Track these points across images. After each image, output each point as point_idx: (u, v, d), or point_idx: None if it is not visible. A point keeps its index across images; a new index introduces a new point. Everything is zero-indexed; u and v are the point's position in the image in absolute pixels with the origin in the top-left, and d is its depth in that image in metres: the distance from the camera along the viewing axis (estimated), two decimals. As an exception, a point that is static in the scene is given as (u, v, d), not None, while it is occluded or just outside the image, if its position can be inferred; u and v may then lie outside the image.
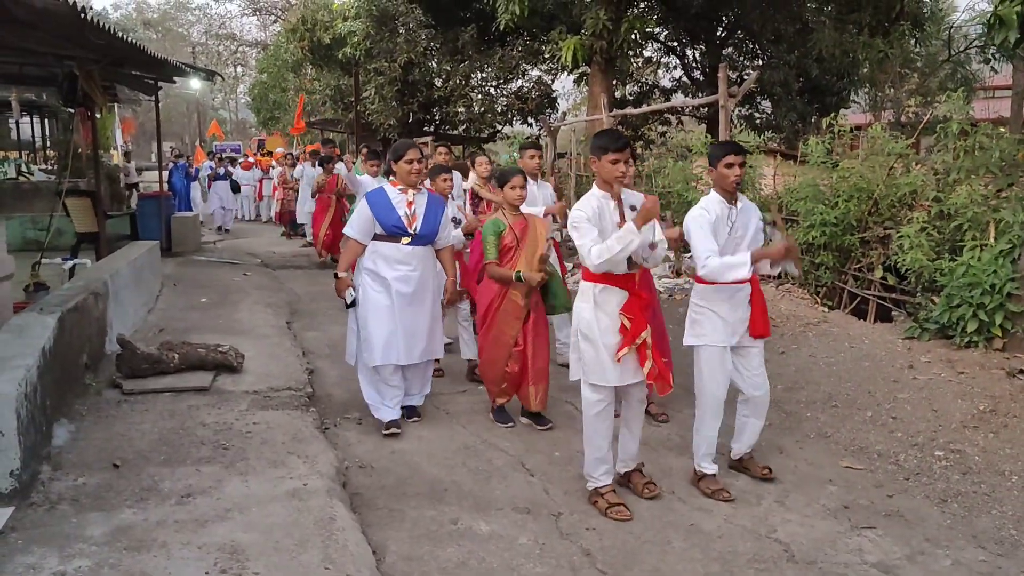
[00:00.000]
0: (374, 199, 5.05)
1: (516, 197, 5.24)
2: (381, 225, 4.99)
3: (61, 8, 5.26)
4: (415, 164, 5.04)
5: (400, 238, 5.02)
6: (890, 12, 16.11)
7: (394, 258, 5.02)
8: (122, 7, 56.99)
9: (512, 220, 5.23)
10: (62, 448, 4.27)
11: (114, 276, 6.49)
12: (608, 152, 3.94)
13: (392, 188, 5.09)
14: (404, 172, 5.05)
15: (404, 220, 5.01)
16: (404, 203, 5.04)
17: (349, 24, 18.17)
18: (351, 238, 5.08)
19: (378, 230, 5.01)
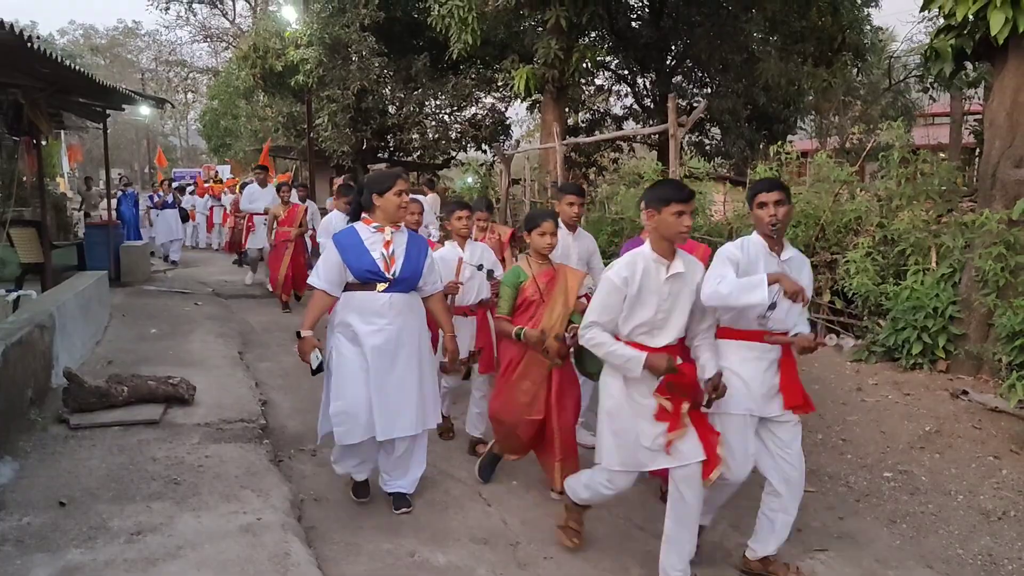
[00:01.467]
0: (343, 241, 4.20)
1: (545, 246, 4.51)
2: (352, 271, 4.17)
3: (6, 36, 5.18)
4: (404, 196, 4.26)
5: (375, 285, 4.19)
6: (832, 43, 16.66)
7: (369, 309, 4.18)
8: (69, 33, 56.12)
9: (537, 270, 4.53)
10: (5, 487, 4.15)
11: (60, 308, 6.35)
12: (671, 203, 3.36)
13: (365, 227, 4.25)
14: (392, 207, 4.21)
15: (380, 263, 4.18)
16: (380, 243, 4.22)
17: (301, 52, 18.13)
18: (317, 289, 4.22)
19: (349, 278, 4.20)
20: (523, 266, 4.56)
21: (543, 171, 14.71)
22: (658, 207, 3.38)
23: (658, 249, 3.46)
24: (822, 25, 16.34)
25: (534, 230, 4.53)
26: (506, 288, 4.50)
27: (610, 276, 3.48)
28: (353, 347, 4.19)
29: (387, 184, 4.23)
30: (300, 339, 4.16)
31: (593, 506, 3.96)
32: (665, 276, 3.44)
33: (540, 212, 4.73)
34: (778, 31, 16.75)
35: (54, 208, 12.64)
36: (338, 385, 4.20)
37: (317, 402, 6.44)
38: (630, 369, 3.44)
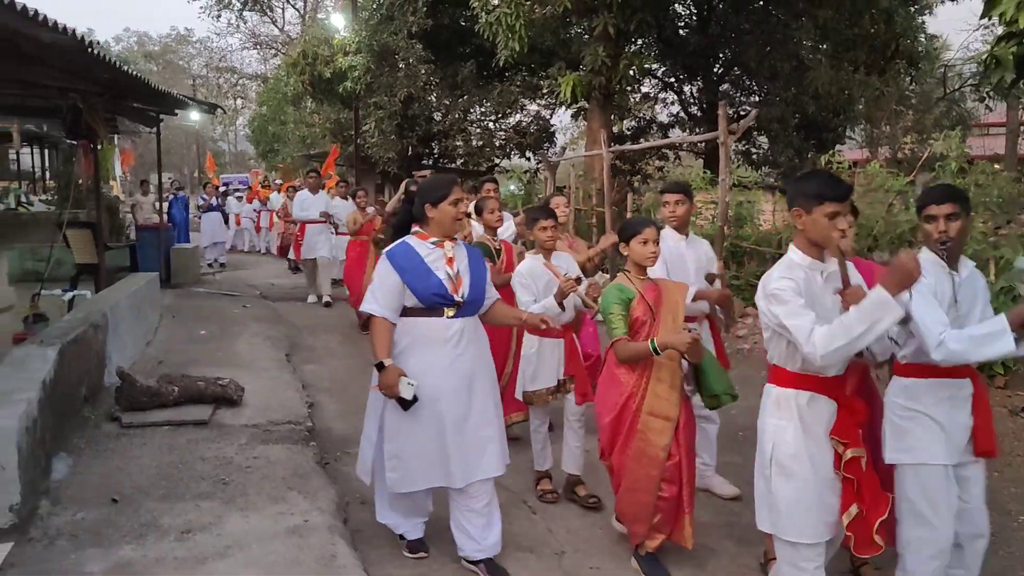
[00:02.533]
0: (401, 260, 3.62)
1: (648, 256, 3.84)
2: (417, 295, 3.58)
3: (68, 42, 5.29)
4: (461, 206, 3.71)
5: (442, 310, 3.62)
6: (885, 51, 16.36)
7: (437, 338, 3.61)
8: (123, 39, 57.52)
9: (641, 286, 3.87)
10: (61, 482, 4.23)
11: (113, 308, 6.48)
12: (824, 202, 2.83)
13: (421, 242, 3.67)
14: (448, 218, 3.66)
15: (447, 284, 3.61)
16: (442, 260, 3.65)
17: (350, 59, 18.33)
18: (377, 316, 3.60)
19: (410, 302, 3.62)
20: (625, 282, 3.89)
21: (588, 178, 14.66)
22: (807, 205, 2.86)
23: (809, 254, 2.97)
24: (875, 33, 16.05)
25: (634, 238, 3.86)
26: (616, 306, 3.78)
27: (773, 287, 2.90)
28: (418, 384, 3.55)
29: (442, 192, 3.66)
30: (382, 371, 3.50)
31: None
32: (823, 279, 2.95)
33: (639, 218, 4.17)
34: (829, 39, 16.50)
35: (108, 210, 12.91)
36: (394, 423, 3.62)
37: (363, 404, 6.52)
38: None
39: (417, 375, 3.51)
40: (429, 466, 3.63)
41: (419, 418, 3.57)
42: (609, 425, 3.79)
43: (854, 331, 2.66)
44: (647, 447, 3.68)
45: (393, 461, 3.66)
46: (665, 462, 3.67)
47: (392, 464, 3.66)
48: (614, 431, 3.78)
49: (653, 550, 3.75)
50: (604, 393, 3.88)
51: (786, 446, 2.95)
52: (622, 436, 3.75)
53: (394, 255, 3.65)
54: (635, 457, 3.71)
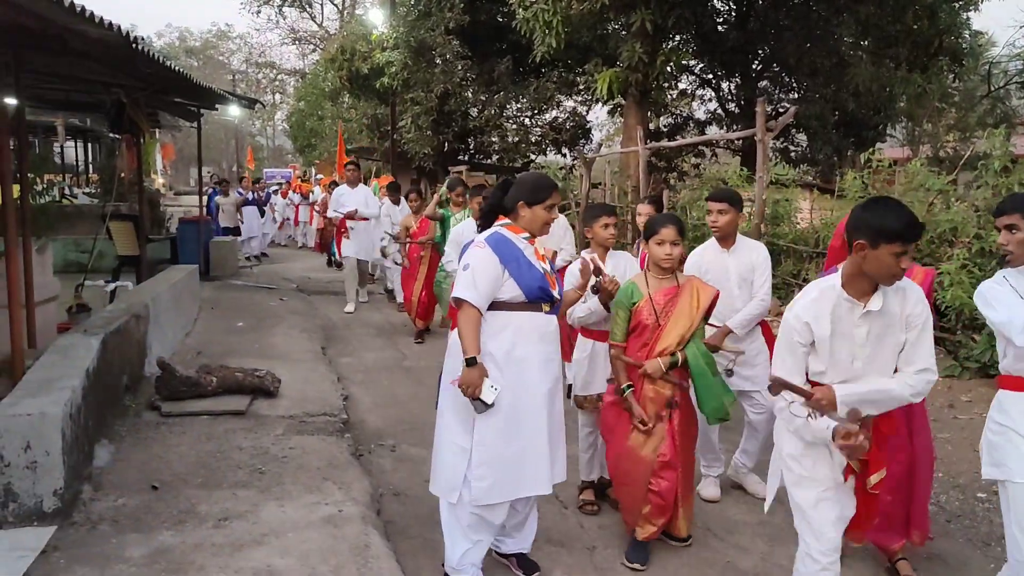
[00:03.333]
0: (504, 249, 3.38)
1: (663, 257, 3.77)
2: (523, 287, 3.37)
3: (114, 38, 5.39)
4: (554, 213, 3.54)
5: (541, 305, 3.45)
6: (928, 47, 16.07)
7: (537, 335, 3.44)
8: (165, 35, 58.48)
9: (655, 287, 3.81)
10: (103, 469, 4.33)
11: (155, 299, 6.60)
12: (895, 241, 2.59)
13: (515, 235, 3.48)
14: (540, 221, 3.49)
15: (547, 279, 3.48)
16: (535, 256, 3.50)
17: (387, 55, 18.45)
18: (471, 304, 3.30)
19: (508, 295, 3.38)
20: (639, 283, 3.83)
21: (623, 175, 14.61)
22: (874, 241, 2.59)
23: (853, 287, 2.75)
24: (918, 29, 15.76)
25: (651, 238, 3.81)
26: (618, 310, 3.79)
27: (789, 320, 2.82)
28: (502, 379, 3.32)
29: (543, 195, 3.45)
30: (469, 367, 3.21)
31: None
32: (860, 314, 2.75)
33: (662, 216, 3.98)
34: (871, 35, 16.25)
35: (149, 203, 13.13)
36: (486, 426, 3.33)
37: (396, 397, 6.61)
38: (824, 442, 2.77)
39: (518, 371, 3.36)
40: (520, 472, 3.38)
41: (513, 420, 3.35)
42: (605, 411, 3.99)
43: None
44: (636, 447, 3.78)
45: (482, 469, 3.33)
46: (655, 461, 3.74)
47: (481, 473, 3.33)
48: (608, 428, 3.97)
49: (644, 538, 3.81)
50: (609, 396, 3.98)
51: (793, 447, 2.94)
52: (615, 433, 3.89)
53: (496, 243, 3.38)
54: (625, 454, 3.82)
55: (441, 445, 3.48)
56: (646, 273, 3.87)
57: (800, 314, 2.79)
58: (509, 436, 3.35)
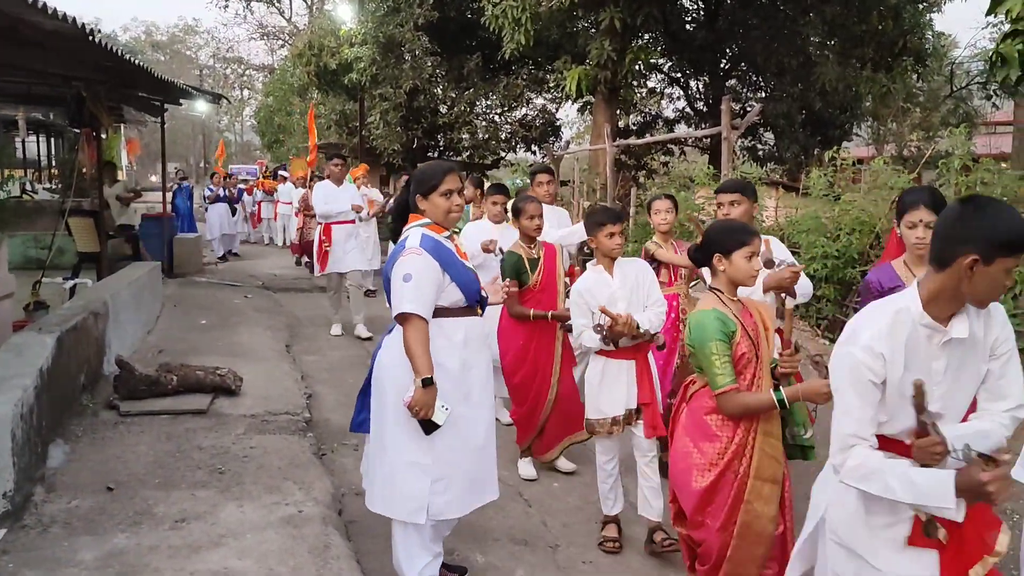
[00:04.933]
0: (441, 253, 3.19)
1: (754, 273, 3.07)
2: (464, 291, 3.24)
3: (70, 30, 5.29)
4: (455, 199, 3.29)
5: (477, 308, 3.36)
6: (893, 48, 16.29)
7: (477, 339, 3.35)
8: (131, 29, 57.70)
9: (736, 310, 3.05)
10: (56, 470, 4.24)
11: (114, 296, 6.48)
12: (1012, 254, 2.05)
13: (437, 235, 3.27)
14: (440, 211, 3.27)
15: (478, 279, 3.39)
16: (456, 253, 3.33)
17: (355, 50, 18.30)
18: (416, 317, 3.08)
19: (448, 300, 3.21)
20: (720, 308, 3.02)
21: (592, 173, 14.64)
22: (991, 254, 2.04)
23: (936, 310, 2.17)
24: (882, 29, 15.97)
25: (737, 250, 3.02)
26: (719, 343, 2.92)
27: (856, 355, 2.18)
28: (456, 390, 3.21)
29: (432, 182, 3.24)
30: (428, 386, 3.02)
31: None
32: (940, 342, 2.19)
33: (738, 225, 3.19)
34: (837, 35, 16.43)
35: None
36: (442, 441, 3.16)
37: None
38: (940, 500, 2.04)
39: (469, 381, 3.26)
40: (474, 482, 3.30)
41: (468, 431, 3.25)
42: (702, 493, 2.98)
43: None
44: (754, 520, 2.94)
45: (441, 483, 3.19)
46: (774, 535, 2.98)
47: (440, 487, 3.19)
48: (707, 499, 2.99)
49: None
50: (689, 449, 3.05)
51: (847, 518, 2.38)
52: (723, 508, 2.96)
53: (431, 248, 3.15)
54: (741, 534, 2.94)
55: (394, 467, 3.22)
56: (719, 295, 3.08)
57: (873, 345, 2.16)
58: (465, 448, 3.24)
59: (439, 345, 3.17)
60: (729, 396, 2.90)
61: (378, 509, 3.35)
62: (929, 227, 3.00)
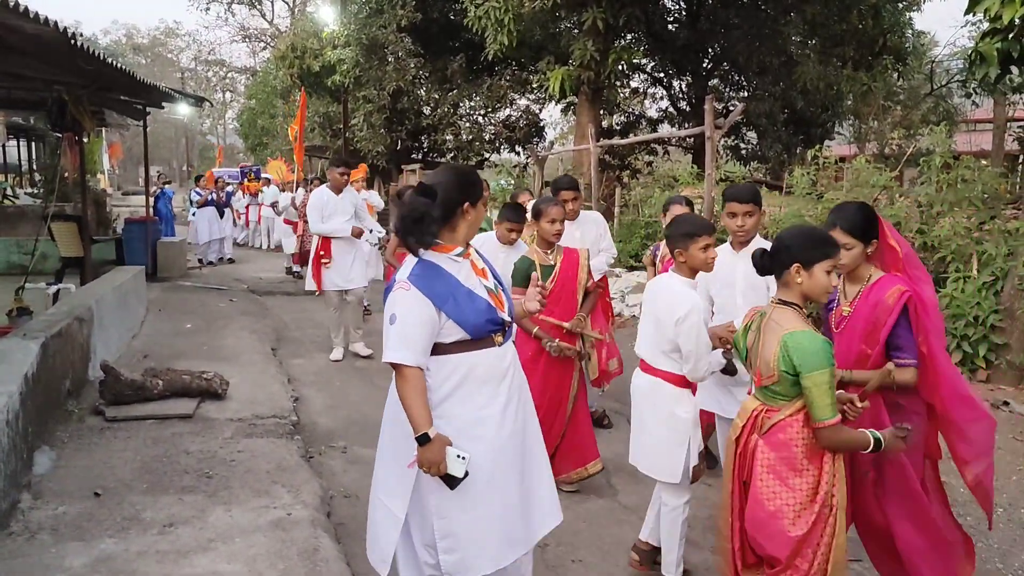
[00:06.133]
0: (434, 285, 2.69)
1: (828, 290, 2.82)
2: (466, 327, 2.70)
3: (50, 34, 5.26)
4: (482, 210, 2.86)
5: (493, 338, 2.78)
6: (873, 46, 16.42)
7: (494, 375, 2.79)
8: (112, 32, 57.27)
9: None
10: (43, 476, 4.22)
11: (99, 301, 6.45)
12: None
13: (444, 256, 2.77)
14: (477, 222, 2.85)
15: (494, 303, 2.80)
16: (474, 274, 2.81)
17: (338, 52, 18.28)
18: (408, 368, 2.64)
19: (451, 337, 2.72)
20: (811, 330, 2.73)
21: (577, 173, 14.66)
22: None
23: None
24: (863, 28, 16.10)
25: (820, 263, 2.76)
26: (831, 372, 2.64)
27: None
28: (477, 436, 2.73)
29: (480, 190, 2.83)
30: (425, 444, 2.59)
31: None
32: None
33: (823, 235, 2.88)
34: (817, 34, 16.55)
35: (94, 203, 12.86)
36: (442, 494, 2.70)
37: (348, 398, 6.55)
38: None
39: (474, 428, 2.72)
40: (498, 538, 2.76)
41: (488, 486, 2.73)
42: (801, 539, 2.71)
43: None
44: (841, 556, 2.75)
45: (448, 541, 2.72)
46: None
47: (447, 545, 2.72)
48: (806, 543, 2.72)
49: None
50: (777, 489, 2.76)
51: None
52: (817, 548, 2.72)
53: (422, 278, 2.69)
54: (834, 572, 2.74)
55: (373, 505, 2.94)
56: (797, 311, 2.80)
57: None
58: (475, 501, 2.71)
59: (441, 383, 2.73)
60: (835, 429, 2.65)
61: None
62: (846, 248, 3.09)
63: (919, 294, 3.05)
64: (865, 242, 3.11)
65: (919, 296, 3.04)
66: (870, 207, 3.24)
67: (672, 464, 3.43)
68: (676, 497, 3.50)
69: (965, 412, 3.05)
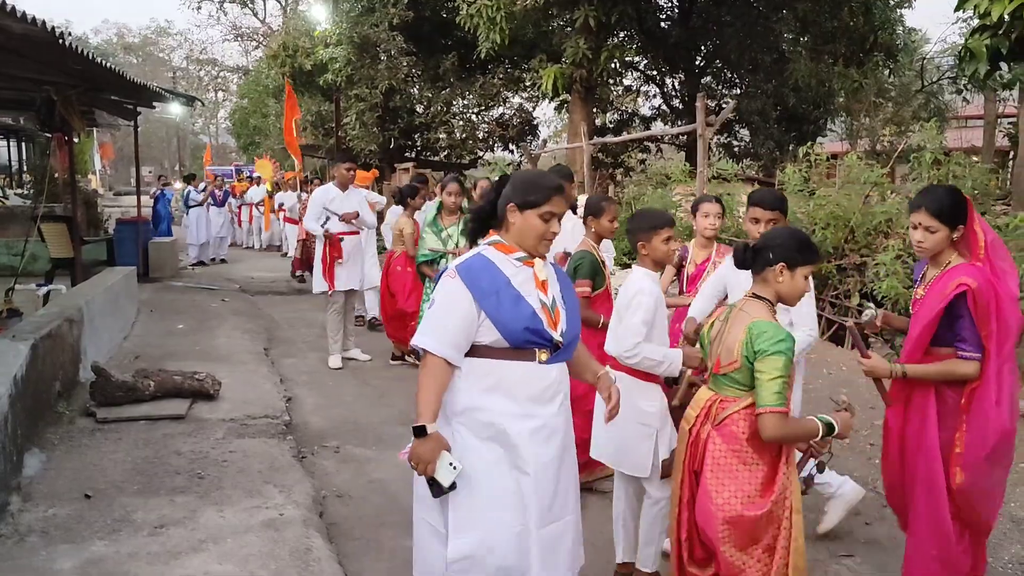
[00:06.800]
0: (480, 279, 2.58)
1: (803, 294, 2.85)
2: (503, 330, 2.55)
3: (39, 33, 5.24)
4: (554, 225, 2.65)
5: (535, 352, 2.61)
6: (864, 43, 16.48)
7: (528, 392, 2.60)
8: (102, 31, 57.07)
9: None
10: (33, 478, 4.19)
11: (89, 302, 6.42)
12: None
13: (504, 256, 2.65)
14: (532, 233, 2.63)
15: (543, 316, 2.61)
16: (532, 283, 2.65)
17: (330, 51, 18.24)
18: (434, 356, 2.55)
19: (488, 338, 2.58)
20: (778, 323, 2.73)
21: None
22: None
23: None
24: (854, 25, 16.17)
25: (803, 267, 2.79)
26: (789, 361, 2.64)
27: None
28: (493, 451, 2.57)
29: (536, 197, 2.62)
30: (420, 437, 2.46)
31: None
32: None
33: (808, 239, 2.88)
34: (809, 31, 16.62)
35: (85, 204, 12.81)
36: (468, 509, 2.54)
37: (341, 398, 6.54)
38: None
39: (502, 441, 2.56)
40: (510, 568, 2.57)
41: (496, 503, 2.55)
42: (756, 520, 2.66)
43: None
44: (798, 560, 2.69)
45: (464, 563, 2.55)
46: None
47: (461, 567, 2.55)
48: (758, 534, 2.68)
49: None
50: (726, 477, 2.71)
51: None
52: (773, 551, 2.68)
53: (470, 270, 2.59)
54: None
55: (417, 523, 2.74)
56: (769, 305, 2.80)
57: None
58: (499, 522, 2.54)
59: (473, 385, 2.59)
60: (779, 417, 2.58)
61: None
62: (929, 231, 3.04)
63: (995, 288, 2.92)
64: (951, 227, 3.02)
65: (992, 290, 2.91)
66: (960, 192, 3.13)
67: (638, 457, 3.39)
68: (659, 491, 3.42)
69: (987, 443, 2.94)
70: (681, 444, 2.89)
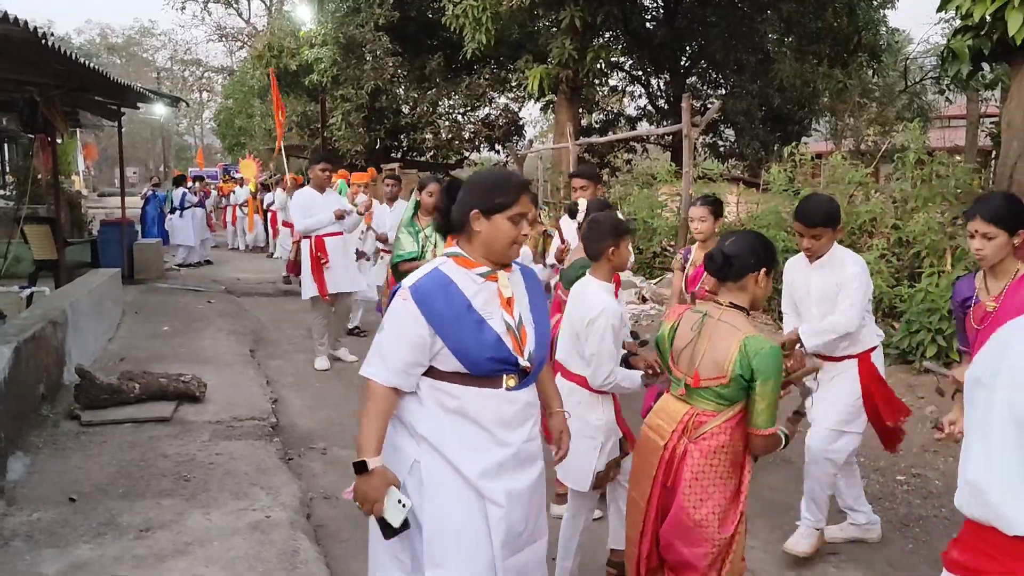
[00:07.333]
0: (435, 300, 2.31)
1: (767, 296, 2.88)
2: (464, 360, 2.31)
3: (21, 34, 5.20)
4: (524, 227, 2.38)
5: (501, 379, 2.36)
6: (848, 44, 16.60)
7: (495, 418, 2.37)
8: (85, 31, 56.63)
9: None
10: (17, 482, 4.17)
11: (73, 305, 6.37)
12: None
13: (464, 271, 2.37)
14: (503, 239, 2.35)
15: (508, 340, 2.36)
16: (497, 302, 2.39)
17: (316, 51, 18.21)
18: (378, 385, 2.32)
19: (447, 365, 2.34)
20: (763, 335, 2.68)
21: (556, 171, 14.69)
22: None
23: None
24: (838, 26, 16.29)
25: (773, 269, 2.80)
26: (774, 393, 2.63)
27: None
28: (460, 487, 2.34)
29: (502, 200, 2.33)
30: (362, 474, 2.28)
31: None
32: None
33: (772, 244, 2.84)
34: (793, 32, 16.72)
35: (68, 205, 12.72)
36: (441, 542, 2.33)
37: (328, 400, 6.52)
38: None
39: (461, 463, 2.33)
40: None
41: (464, 536, 2.34)
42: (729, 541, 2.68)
43: None
44: (738, 565, 2.75)
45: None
46: None
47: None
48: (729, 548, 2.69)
49: None
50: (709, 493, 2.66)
51: None
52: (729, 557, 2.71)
53: (422, 292, 2.31)
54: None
55: (373, 558, 2.53)
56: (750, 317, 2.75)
57: None
58: (471, 557, 2.34)
59: (432, 411, 2.37)
60: (771, 437, 2.61)
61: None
62: (987, 237, 2.99)
63: None
64: (1011, 232, 2.95)
65: None
66: (1016, 197, 3.07)
67: (583, 470, 3.28)
68: (582, 503, 3.39)
69: None
70: (652, 459, 2.75)
